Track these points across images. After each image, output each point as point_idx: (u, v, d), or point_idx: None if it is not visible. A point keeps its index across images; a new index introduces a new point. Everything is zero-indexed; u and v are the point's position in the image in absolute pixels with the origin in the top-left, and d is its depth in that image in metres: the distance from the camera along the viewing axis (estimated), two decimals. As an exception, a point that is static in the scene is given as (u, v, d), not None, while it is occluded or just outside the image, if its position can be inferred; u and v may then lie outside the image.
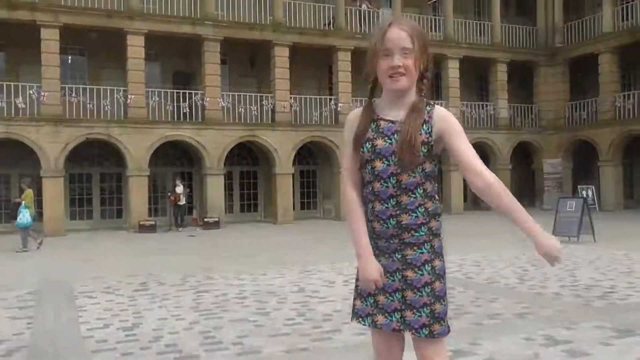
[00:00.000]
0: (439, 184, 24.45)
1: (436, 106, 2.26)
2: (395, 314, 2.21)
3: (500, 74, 25.15)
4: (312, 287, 7.50)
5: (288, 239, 14.52)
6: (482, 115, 24.99)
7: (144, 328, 5.48)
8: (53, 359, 4.58)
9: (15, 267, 10.35)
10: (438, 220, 2.27)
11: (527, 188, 27.25)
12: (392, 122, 2.22)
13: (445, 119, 2.22)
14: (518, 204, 2.15)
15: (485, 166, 2.24)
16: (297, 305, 6.33)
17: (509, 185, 24.60)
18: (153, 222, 18.40)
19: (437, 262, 2.21)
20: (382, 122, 2.23)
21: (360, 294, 2.30)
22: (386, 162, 2.19)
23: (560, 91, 25.85)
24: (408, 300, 2.18)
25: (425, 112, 2.21)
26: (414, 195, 2.18)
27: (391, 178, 2.18)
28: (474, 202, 27.41)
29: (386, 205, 2.20)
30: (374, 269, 2.17)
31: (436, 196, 2.28)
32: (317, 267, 9.25)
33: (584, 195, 18.91)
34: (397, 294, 2.20)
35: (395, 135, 2.18)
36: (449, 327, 2.23)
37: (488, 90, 26.36)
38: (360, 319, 2.29)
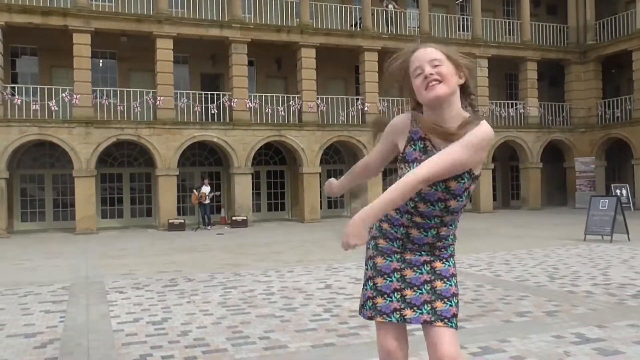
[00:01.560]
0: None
1: (482, 123, 2.10)
2: (425, 306, 2.19)
3: (530, 72, 24.78)
4: (338, 284, 7.50)
5: (315, 238, 14.54)
6: (511, 114, 24.65)
7: (172, 323, 5.55)
8: (85, 351, 4.67)
9: (49, 264, 10.60)
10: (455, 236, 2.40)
11: (558, 187, 26.80)
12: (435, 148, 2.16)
13: (473, 132, 2.07)
14: (395, 191, 2.01)
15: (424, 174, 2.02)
16: (323, 302, 6.34)
17: (540, 185, 24.43)
18: (182, 221, 18.63)
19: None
20: (428, 143, 2.17)
21: (380, 291, 2.28)
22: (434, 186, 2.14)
23: (592, 89, 25.35)
24: (438, 291, 2.19)
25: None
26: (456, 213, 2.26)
27: (439, 202, 2.17)
28: (504, 201, 27.08)
29: (429, 222, 2.23)
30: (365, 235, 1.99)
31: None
32: (344, 265, 9.25)
33: (618, 194, 18.47)
34: (426, 286, 2.22)
35: None
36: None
37: (517, 89, 26.00)
38: (385, 316, 2.26)
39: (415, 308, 2.20)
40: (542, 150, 24.89)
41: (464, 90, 2.16)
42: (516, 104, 24.99)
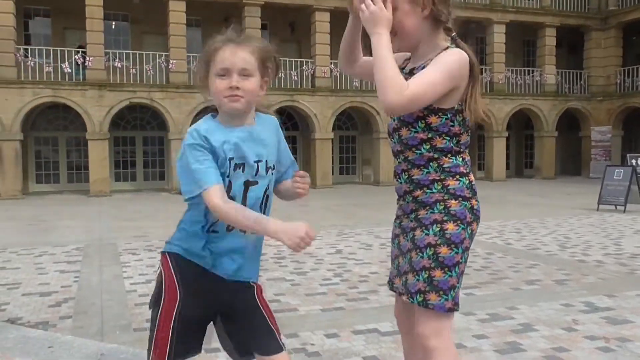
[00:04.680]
0: (481, 150, 24.06)
1: (450, 49, 1.94)
2: (403, 277, 2.06)
3: (549, 39, 24.24)
4: (349, 249, 7.54)
5: (326, 203, 14.58)
6: (527, 82, 24.24)
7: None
8: (99, 310, 4.75)
9: (63, 225, 10.74)
10: (459, 180, 2.01)
11: (573, 156, 26.53)
12: (405, 72, 2.03)
13: (440, 55, 1.91)
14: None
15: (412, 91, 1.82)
16: (333, 267, 6.39)
17: (554, 154, 24.07)
18: (194, 185, 18.69)
19: (450, 226, 1.96)
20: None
21: (391, 257, 2.24)
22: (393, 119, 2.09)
23: (612, 56, 24.77)
24: (412, 262, 2.00)
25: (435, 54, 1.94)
26: (419, 151, 2.01)
27: (395, 132, 2.08)
28: (517, 169, 26.91)
29: (398, 160, 2.11)
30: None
31: (458, 155, 2.02)
32: (355, 231, 9.28)
33: (634, 164, 18.24)
34: (407, 255, 2.05)
35: None
36: (453, 304, 1.97)
37: (535, 55, 25.50)
38: (389, 283, 2.25)
39: (401, 277, 2.10)
40: (558, 118, 24.55)
41: (436, 21, 1.99)
42: (533, 71, 24.55)
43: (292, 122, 23.12)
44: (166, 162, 21.10)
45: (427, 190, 2.01)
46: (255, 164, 1.89)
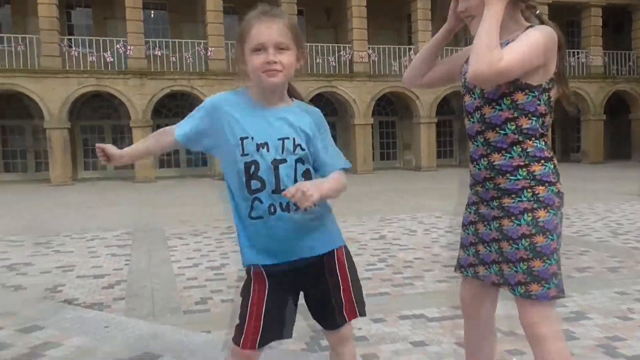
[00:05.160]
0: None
1: (536, 26, 1.89)
2: (494, 266, 2.03)
3: (595, 19, 23.41)
4: (392, 235, 7.50)
5: (367, 189, 14.53)
6: (572, 64, 23.50)
7: (230, 268, 5.70)
8: (149, 293, 4.87)
9: (111, 211, 11.03)
10: (545, 165, 1.96)
11: (622, 140, 25.69)
12: None
13: (527, 32, 1.86)
14: None
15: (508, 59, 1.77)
16: (377, 252, 6.37)
17: (602, 137, 23.41)
18: (235, 171, 18.92)
19: (541, 214, 1.92)
20: None
21: (462, 243, 2.19)
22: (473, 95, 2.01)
23: (662, 36, 23.82)
24: (504, 252, 1.97)
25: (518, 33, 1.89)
26: (502, 132, 1.92)
27: (476, 112, 2.00)
28: (563, 153, 26.22)
29: (476, 144, 2.03)
30: None
31: (541, 138, 1.95)
32: (398, 216, 9.23)
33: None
34: (494, 244, 2.02)
35: None
36: (557, 291, 1.95)
37: (580, 36, 24.67)
38: (463, 269, 2.18)
39: (486, 266, 2.07)
40: (606, 101, 23.75)
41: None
42: (578, 52, 23.79)
43: (331, 108, 23.07)
44: (207, 148, 21.38)
45: (511, 177, 1.94)
46: (280, 142, 1.84)
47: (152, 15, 20.98)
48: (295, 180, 1.83)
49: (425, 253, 6.28)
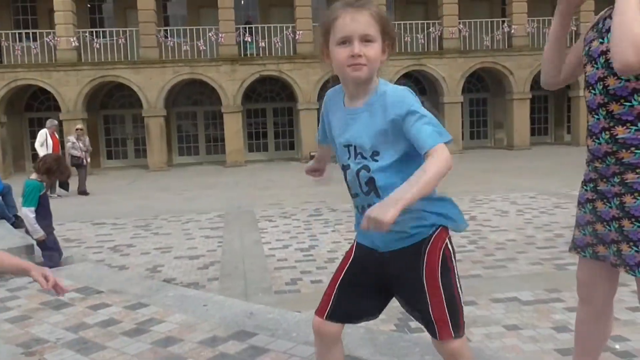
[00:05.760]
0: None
1: None
2: (612, 246, 1.92)
3: None
4: (483, 216, 7.30)
5: (456, 169, 14.09)
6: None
7: (319, 250, 5.80)
8: (242, 273, 5.06)
9: (204, 194, 11.52)
10: None
11: None
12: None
13: None
14: None
15: None
16: (468, 233, 6.22)
17: None
18: (323, 154, 19.10)
19: None
20: (607, 21, 1.86)
21: (578, 222, 2.07)
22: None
23: None
24: (625, 231, 1.85)
25: None
26: (628, 104, 1.80)
27: (597, 84, 1.87)
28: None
29: (596, 117, 1.89)
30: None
31: None
32: (489, 197, 8.95)
33: None
34: (614, 223, 1.90)
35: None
36: None
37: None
38: (579, 250, 2.07)
39: (606, 245, 1.95)
40: None
41: None
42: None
43: (420, 87, 22.62)
44: (295, 132, 21.72)
45: (637, 151, 1.81)
46: (346, 148, 1.82)
47: (243, 2, 21.44)
48: (361, 187, 1.80)
49: (518, 235, 6.07)
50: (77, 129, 13.35)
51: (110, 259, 5.84)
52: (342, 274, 1.90)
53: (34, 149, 16.40)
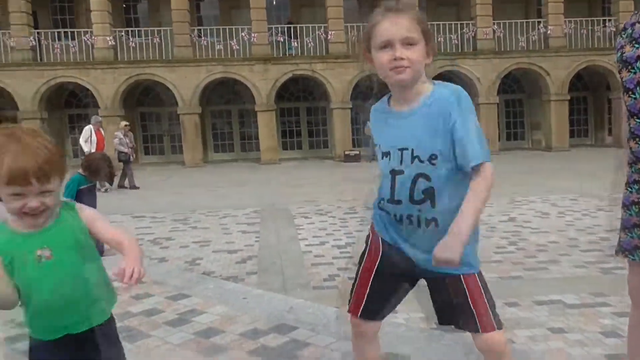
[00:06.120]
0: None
1: None
2: None
3: None
4: (523, 217, 7.16)
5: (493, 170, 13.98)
6: None
7: (356, 247, 5.76)
8: (279, 269, 5.06)
9: (240, 190, 11.60)
10: None
11: None
12: None
13: None
14: None
15: None
16: (507, 235, 6.11)
17: None
18: (357, 152, 19.06)
19: None
20: (637, 26, 1.84)
21: (624, 225, 2.01)
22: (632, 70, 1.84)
23: None
24: None
25: None
26: None
27: (637, 87, 1.84)
28: None
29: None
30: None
31: None
32: (528, 198, 8.78)
33: None
34: None
35: None
36: None
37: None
38: (627, 252, 1.99)
39: None
40: None
41: None
42: None
43: (454, 88, 22.37)
44: (329, 130, 21.72)
45: None
46: (400, 152, 1.78)
47: (274, 2, 21.56)
48: (411, 195, 1.75)
49: (560, 237, 5.93)
50: (124, 125, 13.55)
51: (150, 251, 5.91)
52: (374, 272, 1.92)
53: (75, 145, 16.73)
